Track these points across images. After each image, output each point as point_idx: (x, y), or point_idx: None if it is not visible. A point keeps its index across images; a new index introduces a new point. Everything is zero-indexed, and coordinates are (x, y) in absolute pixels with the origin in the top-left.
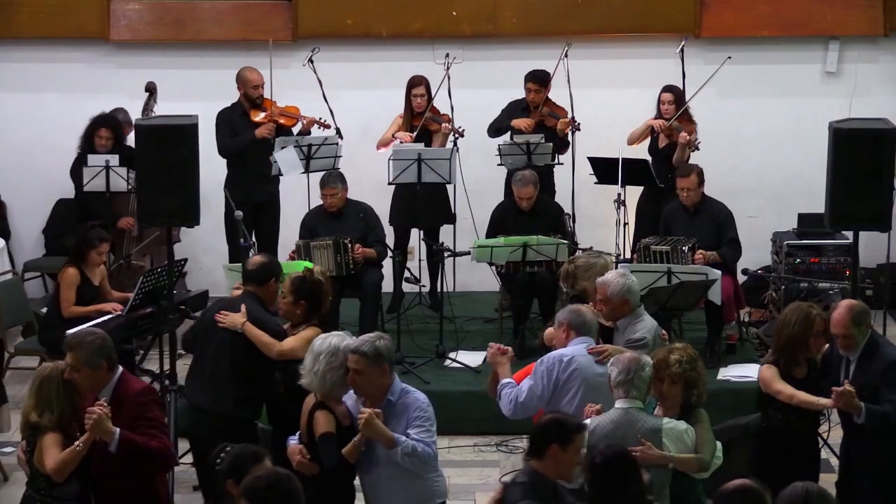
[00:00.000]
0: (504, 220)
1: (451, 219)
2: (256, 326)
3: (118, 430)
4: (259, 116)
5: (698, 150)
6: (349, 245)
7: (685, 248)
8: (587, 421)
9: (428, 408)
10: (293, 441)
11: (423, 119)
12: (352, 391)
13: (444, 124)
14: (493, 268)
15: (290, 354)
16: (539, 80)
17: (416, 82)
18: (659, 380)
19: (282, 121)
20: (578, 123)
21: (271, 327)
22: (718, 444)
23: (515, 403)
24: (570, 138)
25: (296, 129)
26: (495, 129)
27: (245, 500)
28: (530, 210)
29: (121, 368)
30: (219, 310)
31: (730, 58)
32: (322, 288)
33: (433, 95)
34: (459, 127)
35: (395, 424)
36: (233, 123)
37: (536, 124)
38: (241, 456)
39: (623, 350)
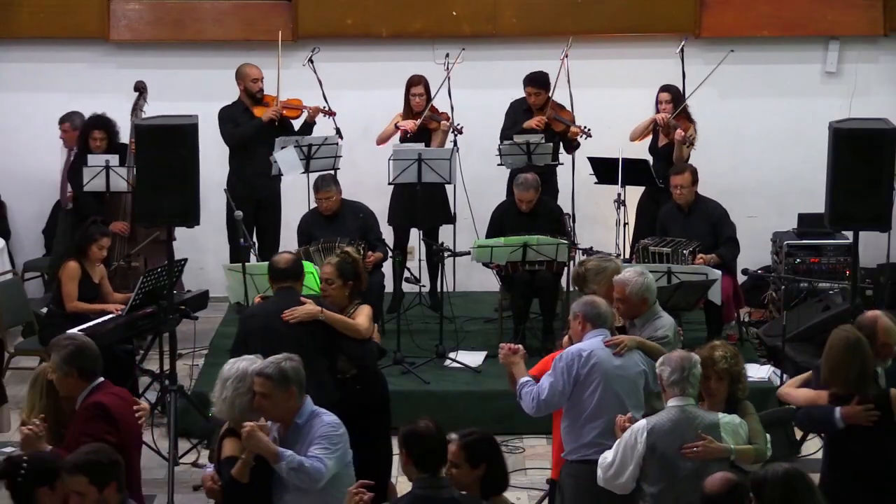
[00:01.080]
0: (504, 220)
1: (450, 219)
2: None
3: (49, 448)
4: (261, 112)
5: (694, 146)
6: (362, 252)
7: (686, 252)
8: (643, 421)
9: (332, 430)
10: (209, 469)
11: (422, 118)
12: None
13: (442, 122)
14: (494, 269)
15: (369, 332)
16: (538, 83)
17: (415, 82)
18: (706, 377)
19: (285, 112)
20: (588, 129)
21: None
22: (767, 435)
23: (538, 401)
24: (580, 139)
25: (301, 120)
26: (507, 138)
27: (79, 474)
28: (530, 211)
29: (100, 380)
30: (272, 315)
31: (732, 51)
32: (361, 266)
33: (433, 95)
34: (458, 124)
35: (300, 448)
36: (236, 119)
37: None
38: (47, 461)
39: (644, 341)
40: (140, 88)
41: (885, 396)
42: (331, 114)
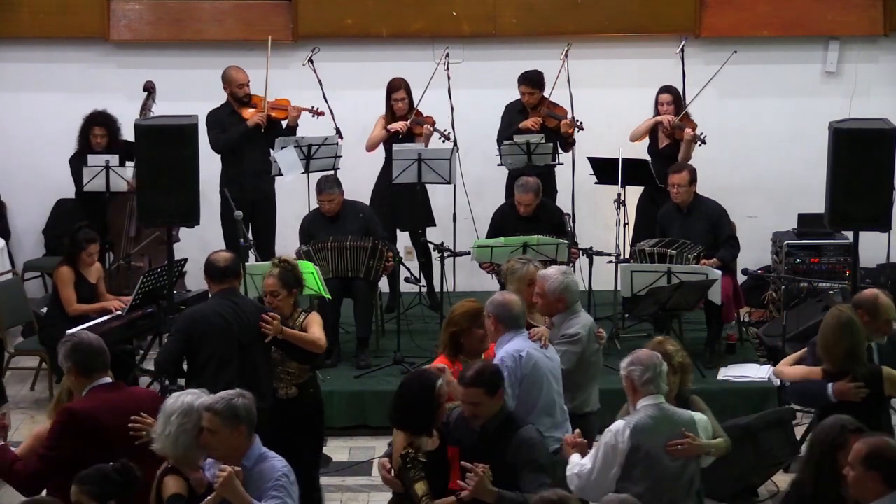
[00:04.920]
0: (504, 223)
1: (432, 221)
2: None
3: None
4: (249, 112)
5: (705, 143)
6: (384, 253)
7: (690, 257)
8: (620, 422)
9: (284, 478)
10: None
11: (409, 121)
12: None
13: (426, 126)
14: (487, 270)
15: (324, 342)
16: (532, 82)
17: (396, 86)
18: None
19: (273, 113)
20: (580, 122)
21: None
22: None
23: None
24: (575, 136)
25: (286, 122)
26: (504, 139)
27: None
28: (531, 215)
29: (104, 380)
30: (225, 315)
31: (735, 52)
32: (300, 272)
33: (418, 97)
34: (446, 130)
35: (250, 494)
36: (223, 122)
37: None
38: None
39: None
40: (149, 88)
41: (876, 374)
42: (319, 113)
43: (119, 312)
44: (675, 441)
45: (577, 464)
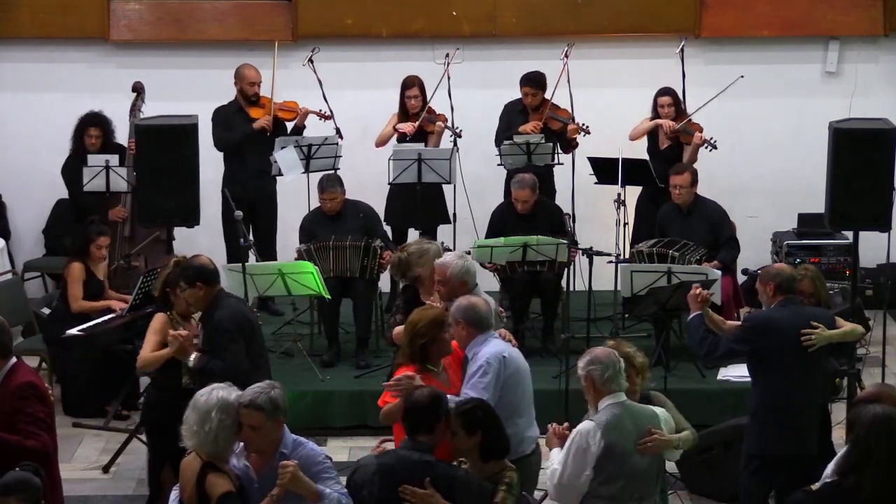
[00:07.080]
0: (503, 222)
1: (447, 219)
2: None
3: None
4: (257, 112)
5: (716, 148)
6: (378, 251)
7: (693, 260)
8: (588, 423)
9: (327, 459)
10: None
11: (419, 119)
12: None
13: (438, 123)
14: (490, 269)
15: None
16: (535, 83)
17: (410, 83)
18: (626, 374)
19: (280, 114)
20: (587, 126)
21: None
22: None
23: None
24: (578, 138)
25: (294, 122)
26: (503, 140)
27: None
28: (530, 213)
29: (14, 360)
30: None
31: (742, 76)
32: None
33: (429, 96)
34: (457, 127)
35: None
36: (229, 120)
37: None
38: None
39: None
40: (138, 89)
41: None
42: (326, 117)
43: (119, 312)
44: (644, 439)
45: (549, 470)
